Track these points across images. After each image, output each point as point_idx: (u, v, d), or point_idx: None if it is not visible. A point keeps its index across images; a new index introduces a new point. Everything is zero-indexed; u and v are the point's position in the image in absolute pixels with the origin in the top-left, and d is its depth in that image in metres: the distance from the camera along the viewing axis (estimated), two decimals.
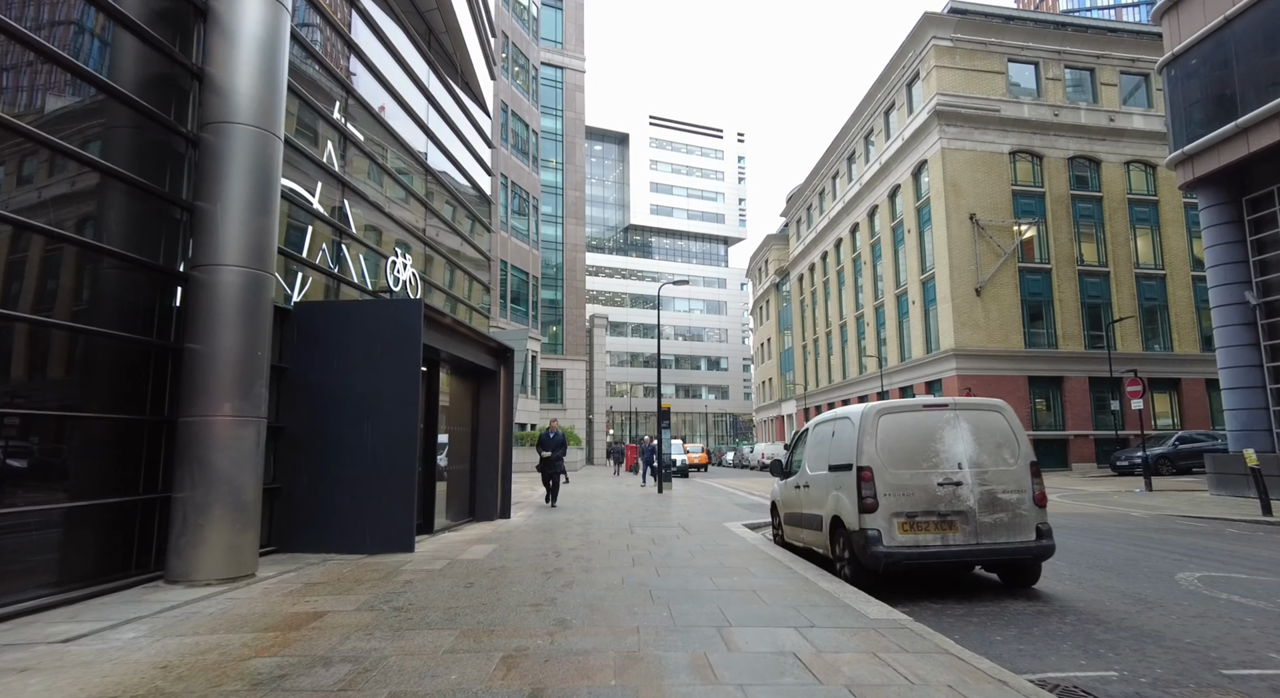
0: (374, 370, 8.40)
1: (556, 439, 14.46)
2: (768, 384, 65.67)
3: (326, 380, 8.41)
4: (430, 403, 10.43)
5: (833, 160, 45.82)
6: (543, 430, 15.32)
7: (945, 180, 30.98)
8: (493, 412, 12.18)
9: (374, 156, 10.85)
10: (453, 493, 11.67)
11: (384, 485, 8.19)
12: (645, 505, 15.33)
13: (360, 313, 8.64)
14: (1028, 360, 30.63)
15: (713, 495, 19.02)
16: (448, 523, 11.10)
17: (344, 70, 10.22)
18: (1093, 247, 32.23)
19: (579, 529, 10.56)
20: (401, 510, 8.18)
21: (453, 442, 11.80)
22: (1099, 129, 32.31)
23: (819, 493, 7.43)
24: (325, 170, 9.36)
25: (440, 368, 10.69)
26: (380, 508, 8.16)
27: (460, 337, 10.64)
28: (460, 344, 10.70)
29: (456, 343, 10.53)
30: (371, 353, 8.43)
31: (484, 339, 11.50)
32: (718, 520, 12.10)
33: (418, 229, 12.38)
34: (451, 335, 10.30)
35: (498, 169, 38.32)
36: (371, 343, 8.46)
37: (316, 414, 8.34)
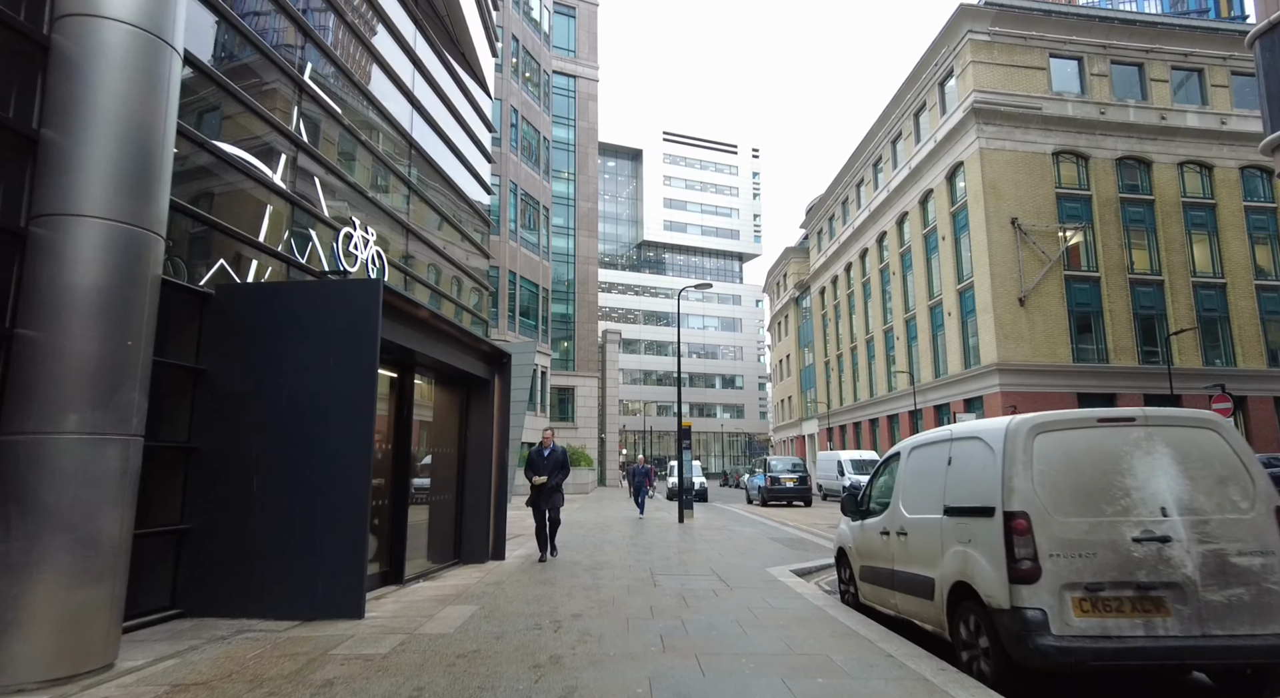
0: (319, 372, 6.35)
1: (554, 459, 9.94)
2: (786, 403, 63.24)
3: (257, 386, 6.36)
4: (401, 417, 8.35)
5: (857, 167, 43.81)
6: (532, 448, 10.45)
7: (984, 182, 28.82)
8: (484, 430, 10.07)
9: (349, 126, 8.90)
10: (434, 530, 9.54)
11: (327, 525, 6.09)
12: (665, 541, 13.11)
13: (301, 297, 6.60)
14: (1077, 376, 28.22)
15: (741, 526, 16.77)
16: (428, 567, 8.97)
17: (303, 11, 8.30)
18: (1145, 253, 29.88)
19: (587, 579, 8.38)
20: (348, 560, 6.08)
21: (435, 467, 9.71)
22: (1149, 128, 30.10)
23: (926, 546, 5.24)
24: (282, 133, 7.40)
25: (415, 374, 8.62)
26: (321, 556, 6.05)
27: (442, 336, 8.58)
28: (442, 345, 8.64)
29: (437, 343, 8.46)
30: (316, 349, 6.39)
31: (473, 341, 9.43)
32: (758, 565, 9.88)
33: (399, 213, 10.38)
34: (430, 334, 8.23)
35: (506, 176, 36.59)
36: (316, 336, 6.41)
37: (243, 430, 6.28)
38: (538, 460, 9.90)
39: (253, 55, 7.55)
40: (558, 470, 9.96)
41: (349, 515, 6.13)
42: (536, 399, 37.57)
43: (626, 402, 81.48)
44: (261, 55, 7.65)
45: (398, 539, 8.09)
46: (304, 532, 6.09)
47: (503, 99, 36.87)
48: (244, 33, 7.39)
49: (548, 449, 10.00)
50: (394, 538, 8.08)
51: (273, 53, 7.79)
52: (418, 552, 9.15)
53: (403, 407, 8.40)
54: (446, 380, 9.83)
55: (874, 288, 41.29)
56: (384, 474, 8.13)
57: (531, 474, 9.80)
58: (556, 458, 9.99)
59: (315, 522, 6.10)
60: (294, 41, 8.27)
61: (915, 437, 6.00)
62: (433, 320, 8.10)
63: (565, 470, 10.16)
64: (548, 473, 9.81)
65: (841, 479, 31.35)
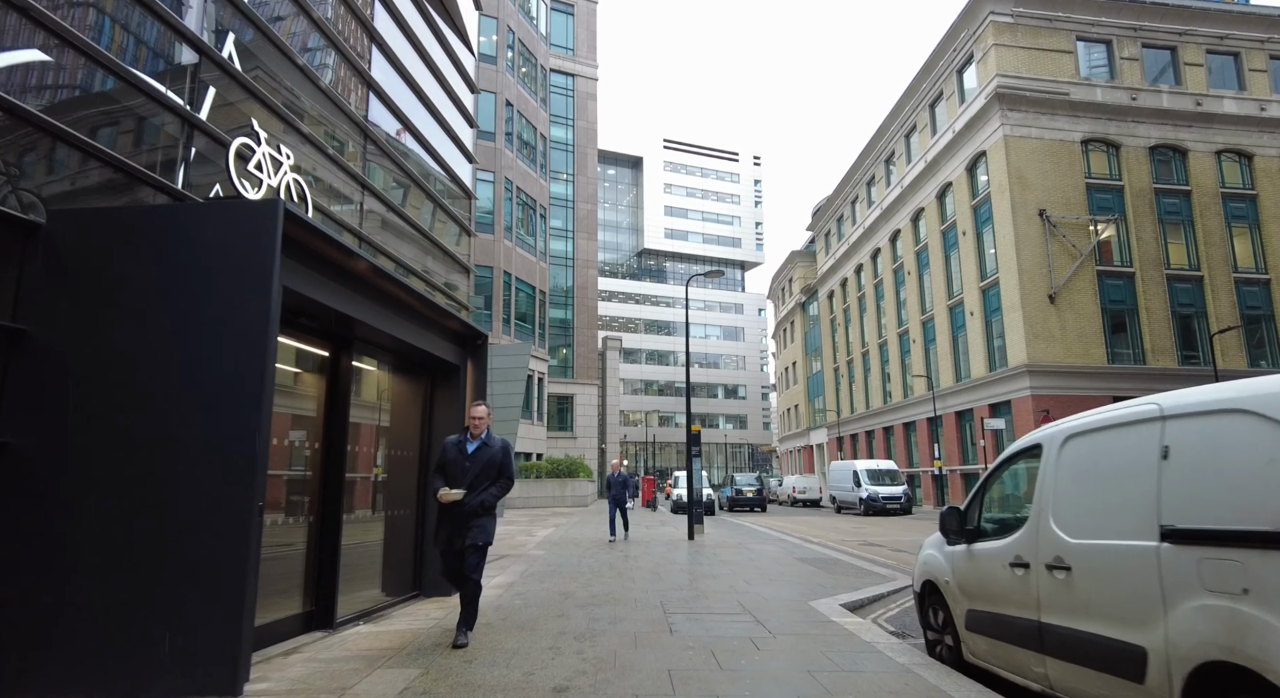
0: (188, 336, 4.38)
1: (484, 459, 5.57)
2: (793, 412, 61.17)
3: (99, 356, 4.38)
4: (335, 409, 6.36)
5: (867, 164, 42.02)
6: (449, 439, 5.81)
7: (1009, 172, 26.96)
8: (453, 426, 8.06)
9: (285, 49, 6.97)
10: (389, 553, 7.54)
11: (193, 559, 4.10)
12: (676, 563, 11.07)
13: (162, 227, 4.61)
14: (1113, 378, 26.23)
15: (758, 542, 14.72)
16: (377, 602, 6.96)
17: None
18: (1182, 248, 27.97)
19: (580, 621, 6.35)
20: (219, 609, 4.07)
21: (391, 473, 7.72)
22: (1184, 114, 28.28)
23: (1121, 592, 3.23)
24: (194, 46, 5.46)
25: (356, 353, 6.63)
26: (180, 606, 4.06)
27: (392, 303, 6.61)
28: (394, 315, 6.67)
29: (386, 312, 6.50)
30: (183, 299, 4.42)
31: (436, 314, 7.45)
32: (796, 595, 7.85)
33: (341, 155, 8.43)
34: (374, 298, 6.27)
35: (501, 172, 34.79)
36: (183, 282, 4.45)
37: (77, 417, 4.29)
38: (454, 460, 5.50)
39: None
40: (488, 479, 5.49)
41: (225, 543, 4.12)
42: (533, 407, 35.57)
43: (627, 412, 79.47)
44: None
45: (328, 568, 6.08)
46: (157, 571, 4.09)
47: (497, 92, 35.18)
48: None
49: (475, 441, 5.59)
50: (323, 567, 6.08)
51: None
52: (363, 582, 7.14)
53: (338, 395, 6.41)
54: (404, 365, 7.84)
55: (887, 289, 39.36)
56: (310, 483, 6.15)
57: (440, 483, 5.44)
58: (490, 457, 5.53)
59: (175, 555, 4.11)
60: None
61: (1070, 420, 3.99)
62: (375, 279, 6.13)
63: (504, 480, 5.58)
64: (469, 482, 5.38)
65: (858, 490, 29.32)
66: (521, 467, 31.79)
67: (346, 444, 6.36)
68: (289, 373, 6.02)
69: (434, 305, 7.30)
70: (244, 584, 4.09)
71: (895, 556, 12.90)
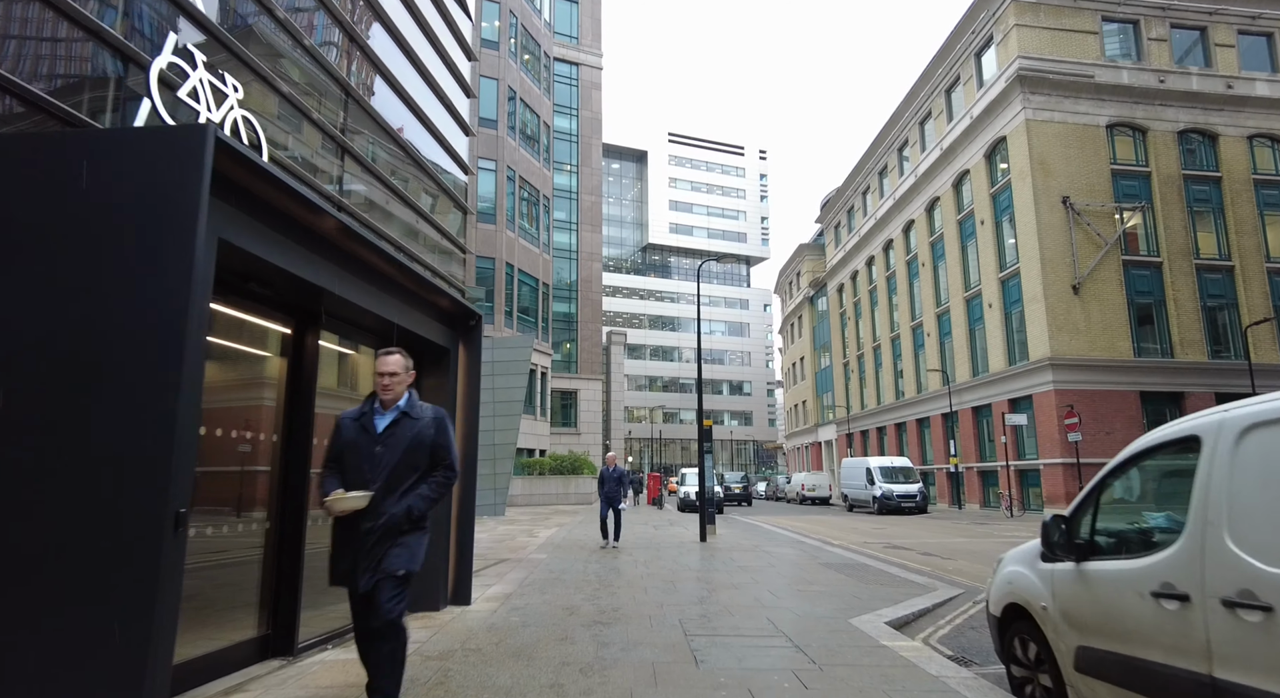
0: (83, 294, 3.40)
1: (406, 441, 3.59)
2: (800, 408, 60.15)
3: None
4: (299, 395, 5.39)
5: (879, 153, 40.91)
6: (344, 414, 3.82)
7: (1031, 157, 25.87)
8: None
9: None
10: None
11: (81, 577, 3.14)
12: (690, 569, 10.10)
13: (49, 157, 3.63)
14: (1139, 372, 25.16)
15: (777, 545, 13.75)
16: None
17: None
18: (1211, 237, 26.86)
19: (586, 647, 5.38)
20: (116, 645, 3.10)
21: None
22: (1214, 97, 27.14)
23: None
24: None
25: (320, 330, 5.63)
26: (59, 641, 3.09)
27: (368, 272, 5.64)
28: (371, 287, 5.70)
29: (360, 283, 5.53)
30: (78, 251, 3.45)
31: (423, 288, 6.48)
32: (832, 611, 6.88)
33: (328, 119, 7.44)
34: (346, 264, 5.30)
35: (503, 161, 33.82)
36: (80, 230, 3.48)
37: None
38: (355, 443, 3.59)
39: None
40: (413, 472, 3.60)
41: (126, 561, 3.16)
42: (535, 402, 34.65)
43: (632, 408, 78.57)
44: None
45: (287, 583, 5.12)
46: (32, 598, 3.13)
47: (499, 79, 34.23)
48: None
49: (388, 412, 3.69)
50: (282, 581, 5.11)
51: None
52: (339, 594, 6.18)
53: (302, 379, 5.44)
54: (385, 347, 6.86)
55: (900, 282, 38.29)
56: (266, 482, 5.19)
57: (332, 484, 3.54)
58: (415, 437, 3.62)
59: (57, 578, 3.14)
60: None
61: (1244, 406, 2.99)
62: (345, 241, 5.16)
63: (442, 473, 3.71)
64: (383, 478, 3.49)
65: (871, 488, 28.33)
66: (524, 464, 30.85)
67: (312, 437, 5.39)
68: (239, 352, 5.06)
69: (418, 278, 6.32)
70: (150, 614, 3.12)
71: (926, 560, 11.91)
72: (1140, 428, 24.82)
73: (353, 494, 3.42)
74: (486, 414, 24.82)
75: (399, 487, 3.53)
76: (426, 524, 3.69)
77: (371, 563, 3.43)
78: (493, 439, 24.02)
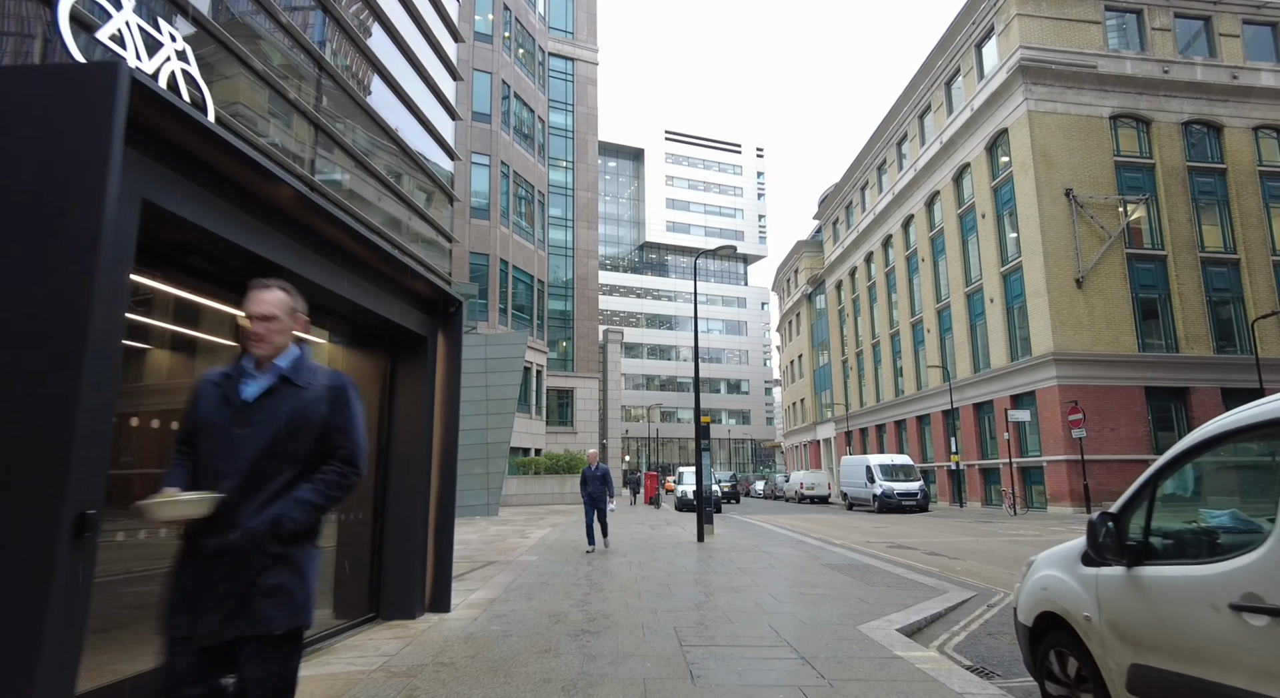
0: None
1: (278, 424, 2.27)
2: (798, 406, 59.71)
3: None
4: None
5: (878, 148, 40.46)
6: (203, 379, 2.41)
7: (1034, 149, 25.43)
8: (418, 414, 6.59)
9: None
10: (340, 567, 6.08)
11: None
12: (687, 571, 9.61)
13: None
14: (1144, 367, 24.73)
15: (777, 546, 13.26)
16: (324, 627, 5.51)
17: None
18: (1216, 230, 26.45)
19: (574, 662, 4.87)
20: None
21: None
22: (1219, 88, 26.72)
23: None
24: None
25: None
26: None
27: (332, 250, 5.14)
28: (337, 268, 5.21)
29: (323, 261, 5.04)
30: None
31: (394, 270, 5.98)
32: (838, 617, 6.39)
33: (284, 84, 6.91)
34: (304, 238, 4.81)
35: (497, 156, 33.29)
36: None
37: None
38: (212, 418, 2.30)
39: None
40: (292, 464, 2.29)
41: (12, 574, 2.66)
42: (530, 400, 34.14)
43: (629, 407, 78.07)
44: None
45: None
46: None
47: (493, 73, 33.74)
48: None
49: (259, 376, 2.37)
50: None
51: None
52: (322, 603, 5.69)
53: None
54: (355, 334, 6.38)
55: (899, 277, 37.84)
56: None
57: (169, 476, 2.29)
58: (299, 415, 2.31)
59: None
60: None
61: None
62: (305, 214, 4.66)
63: (336, 470, 2.33)
64: (239, 470, 2.22)
65: (871, 487, 27.87)
66: (518, 463, 30.34)
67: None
68: (177, 335, 4.55)
69: (389, 258, 5.82)
70: (39, 638, 2.62)
71: (933, 560, 11.44)
72: (1145, 424, 24.40)
73: (187, 497, 2.16)
74: (479, 412, 24.40)
75: (266, 486, 2.23)
76: (312, 550, 2.36)
77: (224, 605, 2.13)
78: (485, 438, 23.54)
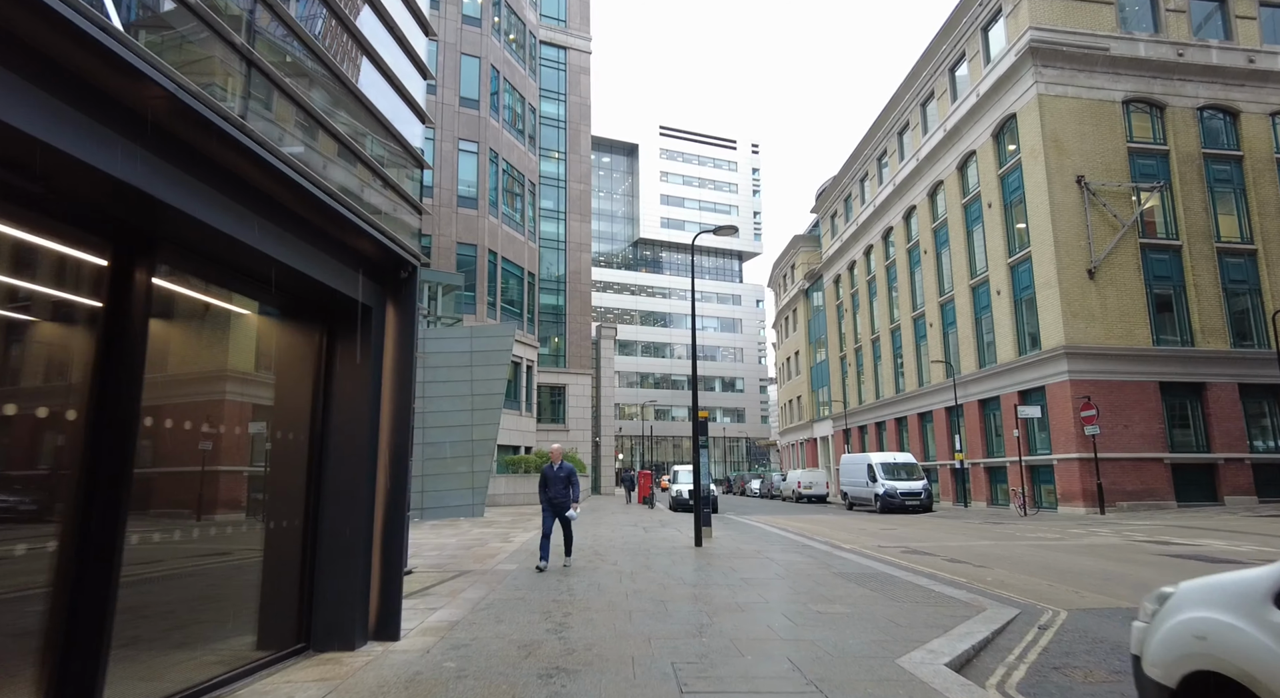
0: None
1: None
2: (794, 404, 58.68)
3: None
4: (116, 358, 3.68)
5: (879, 139, 39.39)
6: None
7: (1044, 135, 24.38)
8: (359, 399, 5.43)
9: None
10: (267, 587, 4.92)
11: None
12: (684, 583, 8.47)
13: None
14: (1159, 362, 23.72)
15: (781, 551, 12.14)
16: (239, 661, 4.38)
17: None
18: (1233, 219, 25.46)
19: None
20: None
21: (274, 467, 5.12)
22: (1235, 71, 25.73)
23: None
24: None
25: (156, 264, 3.93)
26: None
27: (239, 186, 3.98)
28: (246, 210, 4.06)
29: (225, 200, 3.89)
30: None
31: (327, 220, 4.82)
32: (866, 642, 5.27)
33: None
34: (196, 168, 3.65)
35: (485, 143, 32.06)
36: None
37: None
38: None
39: None
40: None
41: None
42: (521, 396, 32.96)
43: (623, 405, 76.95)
44: None
45: (84, 631, 3.44)
46: None
47: (482, 57, 32.53)
48: None
49: None
50: (77, 628, 3.44)
51: None
52: (220, 628, 4.56)
53: (126, 335, 3.74)
54: (280, 301, 5.20)
55: (900, 271, 36.78)
56: (59, 488, 3.51)
57: None
58: None
59: None
60: None
61: None
62: (185, 128, 3.50)
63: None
64: None
65: (873, 486, 26.80)
66: (507, 461, 29.16)
67: (137, 421, 3.72)
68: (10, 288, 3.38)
69: (318, 204, 4.66)
70: None
71: (956, 568, 10.33)
72: (1160, 421, 23.40)
73: None
74: (464, 408, 23.20)
75: None
76: None
77: None
78: (471, 435, 22.35)
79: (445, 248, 29.95)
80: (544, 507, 9.78)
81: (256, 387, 5.18)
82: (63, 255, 3.56)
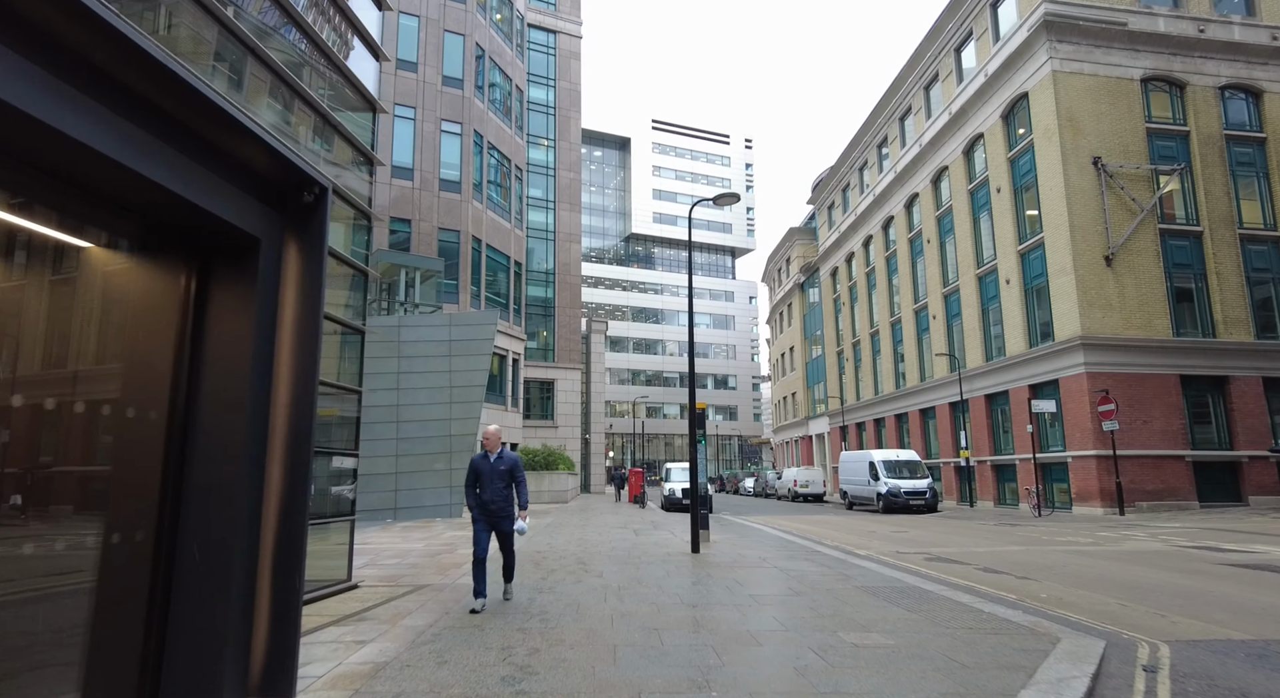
0: None
1: None
2: (789, 401, 57.37)
3: None
4: None
5: (879, 125, 38.05)
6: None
7: (1059, 114, 23.07)
8: (243, 359, 3.94)
9: None
10: (100, 627, 3.40)
11: None
12: (683, 602, 7.02)
13: None
14: (1179, 354, 22.46)
15: (790, 558, 10.71)
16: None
17: None
18: (1256, 204, 24.24)
19: None
20: None
21: (116, 460, 3.59)
22: (1259, 49, 24.49)
23: None
24: None
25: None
26: None
27: (51, 53, 2.46)
28: (75, 91, 2.52)
29: (39, 71, 2.36)
30: None
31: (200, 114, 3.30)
32: (935, 696, 3.84)
33: None
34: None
35: (469, 125, 30.50)
36: None
37: None
38: None
39: None
40: None
41: None
42: (506, 390, 31.43)
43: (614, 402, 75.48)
44: None
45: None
46: None
47: (466, 34, 30.97)
48: None
49: None
50: None
51: None
52: (14, 691, 3.03)
53: None
54: (129, 229, 3.70)
55: (901, 262, 35.46)
56: None
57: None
58: None
59: None
60: None
61: None
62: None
63: None
64: None
65: (875, 485, 25.47)
66: None
67: None
68: None
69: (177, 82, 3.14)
70: None
71: (997, 580, 8.93)
72: (1181, 417, 22.14)
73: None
74: (442, 401, 21.64)
75: None
76: None
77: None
78: (448, 429, 20.83)
79: (426, 233, 28.41)
80: (474, 515, 6.72)
81: (92, 348, 3.70)
82: None
